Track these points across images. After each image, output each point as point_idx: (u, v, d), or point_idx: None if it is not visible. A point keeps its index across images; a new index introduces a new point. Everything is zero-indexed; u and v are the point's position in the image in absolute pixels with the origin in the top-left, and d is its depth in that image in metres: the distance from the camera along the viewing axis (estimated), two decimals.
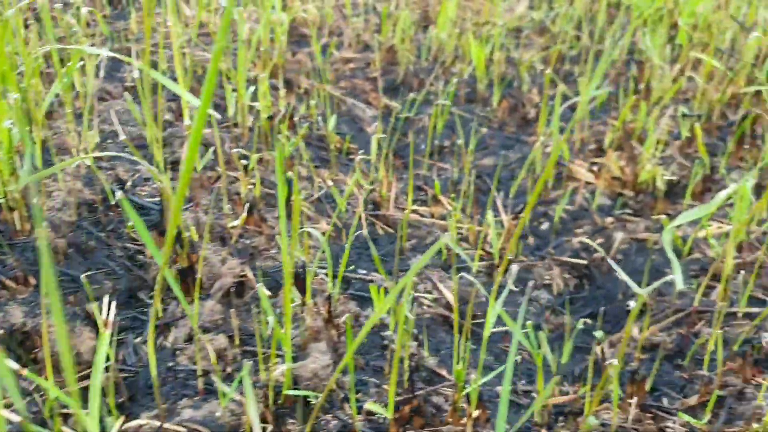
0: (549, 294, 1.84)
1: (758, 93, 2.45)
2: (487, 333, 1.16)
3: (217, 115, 1.56)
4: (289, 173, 1.67)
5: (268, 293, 1.46)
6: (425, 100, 2.70)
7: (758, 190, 2.09)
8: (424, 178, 2.26)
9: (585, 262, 1.90)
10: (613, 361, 1.38)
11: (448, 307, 1.69)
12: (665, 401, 1.44)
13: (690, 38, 2.84)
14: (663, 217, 1.67)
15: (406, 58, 2.85)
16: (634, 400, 1.32)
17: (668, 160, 2.19)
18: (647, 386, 1.51)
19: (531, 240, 2.01)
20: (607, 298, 1.82)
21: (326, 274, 1.65)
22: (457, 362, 1.20)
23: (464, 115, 2.66)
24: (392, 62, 2.88)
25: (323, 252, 1.74)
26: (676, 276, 1.48)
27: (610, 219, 1.97)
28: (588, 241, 1.84)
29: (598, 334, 1.74)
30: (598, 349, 1.63)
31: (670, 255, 1.47)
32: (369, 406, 1.02)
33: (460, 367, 1.14)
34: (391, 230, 1.95)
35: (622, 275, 1.26)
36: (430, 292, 1.70)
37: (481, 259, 1.87)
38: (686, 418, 1.31)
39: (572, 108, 2.54)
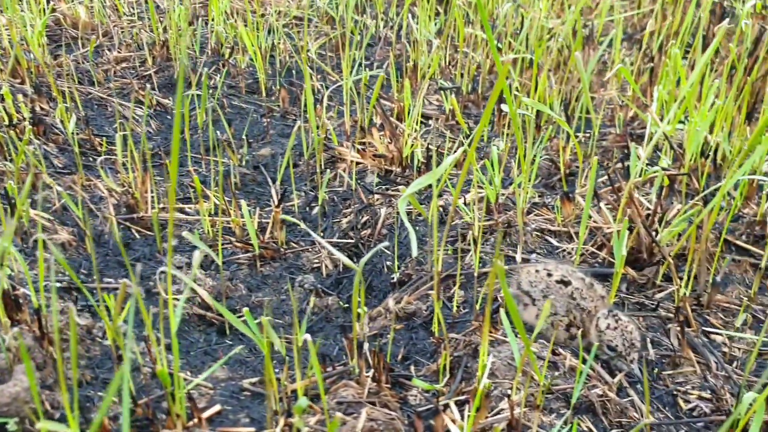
0: (317, 278, 1.81)
1: (520, 62, 2.56)
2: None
3: None
4: (9, 183, 1.53)
5: None
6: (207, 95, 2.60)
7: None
8: (197, 174, 2.17)
9: (353, 241, 1.89)
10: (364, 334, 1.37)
11: (205, 306, 1.61)
12: (413, 369, 1.44)
13: (465, 14, 2.93)
14: (402, 187, 1.68)
15: (182, 53, 2.73)
16: (370, 373, 1.31)
17: (435, 133, 2.23)
18: (399, 356, 1.52)
19: (303, 225, 1.97)
20: (374, 273, 1.82)
21: (62, 289, 1.53)
22: (160, 363, 1.12)
23: (245, 106, 2.59)
24: (168, 59, 2.76)
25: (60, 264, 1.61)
26: (412, 244, 1.50)
27: (377, 196, 1.98)
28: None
29: (361, 311, 1.73)
30: (357, 326, 1.63)
31: (408, 225, 1.47)
32: (43, 426, 0.92)
33: (164, 368, 1.07)
34: (149, 233, 1.84)
35: (342, 257, 1.24)
36: (182, 292, 1.62)
37: (245, 251, 1.81)
38: (419, 383, 1.31)
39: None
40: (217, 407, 1.27)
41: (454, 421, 1.20)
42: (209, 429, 1.20)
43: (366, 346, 1.41)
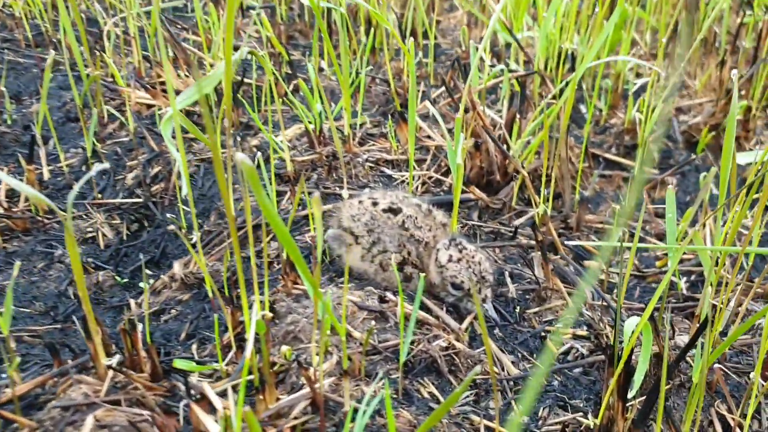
0: (91, 250, 1.38)
1: None
2: None
3: None
4: None
5: None
6: None
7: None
8: None
9: (142, 200, 1.48)
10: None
11: None
12: (195, 349, 1.06)
13: None
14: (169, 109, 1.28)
15: None
16: (113, 361, 0.91)
17: (249, 62, 1.84)
18: (182, 335, 1.13)
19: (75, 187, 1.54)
20: (167, 236, 1.41)
21: None
22: None
23: (24, 61, 2.10)
24: None
25: None
26: (184, 183, 1.11)
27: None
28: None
29: (144, 284, 1.33)
30: (132, 303, 1.22)
31: (174, 152, 1.08)
32: None
33: None
34: None
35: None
36: None
37: None
38: (183, 365, 0.93)
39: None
40: None
41: (220, 410, 0.82)
42: None
43: (140, 329, 1.01)
